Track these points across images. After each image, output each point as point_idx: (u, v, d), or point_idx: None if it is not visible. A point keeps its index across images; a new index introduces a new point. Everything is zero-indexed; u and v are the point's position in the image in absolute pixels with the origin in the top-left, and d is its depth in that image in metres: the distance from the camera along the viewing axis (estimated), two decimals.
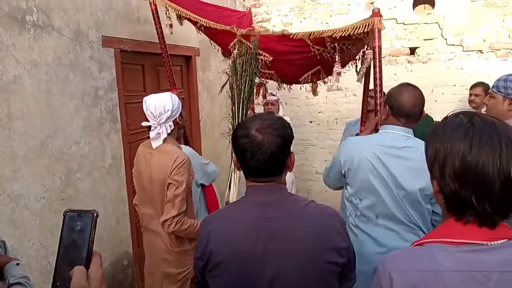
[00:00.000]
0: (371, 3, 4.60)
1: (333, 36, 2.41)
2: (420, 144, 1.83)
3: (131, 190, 3.11)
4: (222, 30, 2.86)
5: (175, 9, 2.96)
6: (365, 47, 2.54)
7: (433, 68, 4.50)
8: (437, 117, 4.51)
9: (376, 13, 2.25)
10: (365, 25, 2.25)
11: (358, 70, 2.64)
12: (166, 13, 3.01)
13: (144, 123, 2.17)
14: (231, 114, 2.63)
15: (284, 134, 1.25)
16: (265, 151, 1.20)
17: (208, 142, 4.46)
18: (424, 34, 4.49)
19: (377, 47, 2.25)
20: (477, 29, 4.28)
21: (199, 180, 2.63)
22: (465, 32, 4.33)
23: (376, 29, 2.22)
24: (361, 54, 2.66)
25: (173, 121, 2.16)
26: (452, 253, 0.84)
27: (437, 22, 4.41)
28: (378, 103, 2.31)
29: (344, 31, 2.36)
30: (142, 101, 3.34)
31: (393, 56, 4.64)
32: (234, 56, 2.65)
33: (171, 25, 3.06)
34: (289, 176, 4.23)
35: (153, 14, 2.95)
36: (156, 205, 2.16)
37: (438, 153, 0.88)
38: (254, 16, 4.83)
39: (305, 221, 1.21)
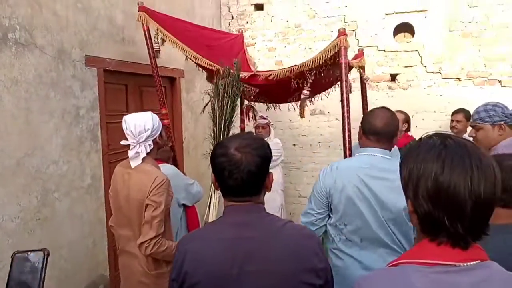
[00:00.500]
0: (353, 30, 4.73)
1: (311, 67, 2.59)
2: (396, 162, 1.86)
3: (109, 211, 3.04)
4: (208, 64, 2.96)
5: (164, 35, 3.00)
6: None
7: (414, 94, 4.62)
8: None
9: (342, 32, 2.40)
10: (334, 46, 2.42)
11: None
12: (155, 37, 3.03)
13: (123, 142, 2.13)
14: (212, 134, 2.64)
15: (263, 153, 1.24)
16: (243, 170, 1.19)
17: (191, 163, 4.43)
18: (404, 61, 4.62)
19: (343, 64, 2.39)
20: (455, 57, 4.44)
21: (181, 200, 2.62)
22: (444, 60, 4.48)
23: (342, 47, 2.37)
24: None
25: (153, 141, 2.12)
26: (426, 274, 0.84)
27: (416, 50, 4.56)
28: (346, 122, 2.39)
29: (319, 59, 2.53)
30: None
31: (374, 82, 4.76)
32: (216, 78, 2.70)
33: (158, 51, 3.08)
34: (278, 199, 4.22)
35: (145, 34, 2.98)
36: (133, 227, 2.10)
37: (411, 173, 0.90)
38: None
39: (282, 241, 1.20)
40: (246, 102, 3.85)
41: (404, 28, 4.66)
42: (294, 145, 5.18)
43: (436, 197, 0.85)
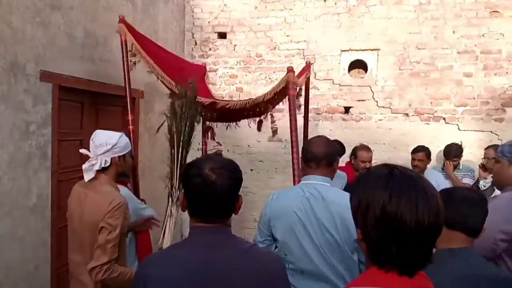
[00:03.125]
0: (311, 64, 4.92)
1: (264, 100, 2.98)
2: (337, 191, 1.91)
3: (55, 232, 2.90)
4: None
5: (138, 51, 3.07)
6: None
7: (365, 126, 4.84)
8: None
9: (290, 70, 2.81)
10: (284, 81, 2.83)
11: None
12: (131, 51, 3.08)
13: (82, 150, 2.05)
14: (169, 157, 2.60)
15: (236, 176, 1.25)
16: (217, 192, 1.19)
17: (146, 185, 4.31)
18: (357, 95, 4.86)
19: (291, 96, 2.78)
20: (404, 94, 4.73)
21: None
22: (394, 96, 4.76)
23: (290, 82, 2.77)
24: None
25: (112, 159, 2.03)
26: None
27: (369, 86, 4.82)
28: (294, 145, 2.62)
29: (271, 93, 2.94)
30: (77, 139, 3.25)
31: (329, 113, 4.95)
32: (171, 98, 2.71)
33: (134, 64, 3.12)
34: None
35: (121, 45, 3.01)
36: (84, 250, 1.98)
37: (361, 202, 0.94)
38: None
39: (249, 265, 1.19)
40: (207, 122, 3.93)
41: (358, 64, 4.92)
42: (251, 170, 5.21)
43: (384, 225, 0.89)
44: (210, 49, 5.29)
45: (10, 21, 2.50)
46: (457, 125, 4.61)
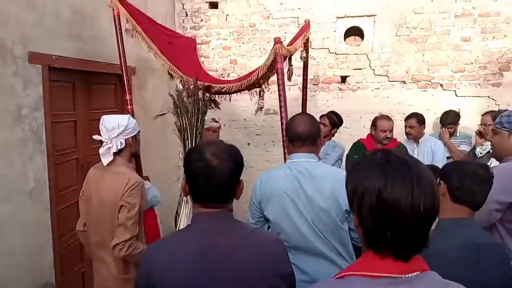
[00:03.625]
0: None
1: (258, 77, 2.92)
2: (324, 166, 1.96)
3: (55, 215, 2.92)
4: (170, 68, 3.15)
5: (133, 26, 3.02)
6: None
7: (362, 96, 4.80)
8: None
9: (277, 41, 2.69)
10: (273, 54, 2.70)
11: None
12: (126, 24, 3.04)
13: (95, 136, 2.14)
14: (183, 151, 2.69)
15: (237, 160, 1.27)
16: (219, 176, 1.20)
17: (144, 164, 4.32)
18: (353, 64, 4.79)
19: (279, 69, 2.65)
20: (400, 61, 4.66)
21: None
22: (390, 64, 4.69)
23: (279, 54, 2.65)
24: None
25: (125, 140, 2.13)
26: (371, 286, 0.88)
27: (365, 54, 4.73)
28: (283, 122, 2.61)
29: (264, 68, 2.85)
30: (71, 121, 3.22)
31: (325, 83, 4.89)
32: (175, 97, 2.78)
33: (132, 36, 3.09)
34: None
35: (114, 20, 2.95)
36: (104, 230, 2.08)
37: (356, 189, 0.93)
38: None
39: (251, 248, 1.22)
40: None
41: (354, 32, 4.82)
42: (248, 144, 5.21)
43: (380, 211, 0.89)
44: (202, 20, 5.16)
45: None
46: (455, 91, 4.57)
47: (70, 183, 3.21)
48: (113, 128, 2.08)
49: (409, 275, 0.89)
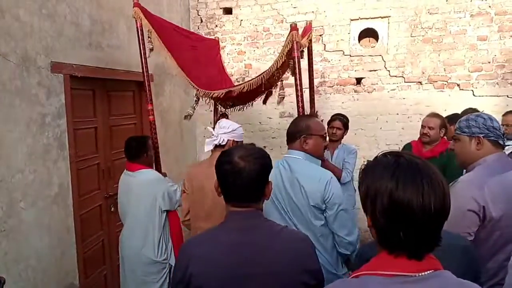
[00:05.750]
0: (320, 35, 4.84)
1: (278, 67, 2.80)
2: (306, 164, 2.08)
3: (78, 219, 3.01)
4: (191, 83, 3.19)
5: (153, 39, 3.07)
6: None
7: (378, 97, 4.78)
8: (382, 143, 4.76)
9: (294, 28, 2.58)
10: (288, 43, 2.60)
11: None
12: (148, 37, 3.07)
13: (209, 128, 2.62)
14: None
15: (264, 163, 1.36)
16: (245, 177, 1.29)
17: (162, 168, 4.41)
18: (369, 65, 4.78)
19: (296, 57, 2.58)
20: (416, 62, 4.63)
21: (163, 207, 2.80)
22: (406, 64, 4.66)
23: (294, 42, 2.56)
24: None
25: (228, 140, 2.38)
26: (385, 285, 0.91)
27: (380, 55, 4.72)
28: (300, 106, 2.68)
29: (280, 59, 2.76)
30: (92, 127, 3.32)
31: (340, 85, 4.89)
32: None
33: (151, 49, 3.14)
34: None
35: (137, 31, 3.02)
36: (220, 217, 2.22)
37: (369, 191, 0.96)
38: None
39: (281, 245, 1.30)
40: (222, 109, 3.93)
41: (369, 33, 4.82)
42: (264, 146, 5.23)
43: (392, 212, 0.91)
44: (216, 25, 5.23)
45: (18, 15, 2.52)
46: (472, 91, 4.52)
47: (92, 187, 3.31)
48: (224, 127, 2.39)
49: (423, 273, 0.91)
